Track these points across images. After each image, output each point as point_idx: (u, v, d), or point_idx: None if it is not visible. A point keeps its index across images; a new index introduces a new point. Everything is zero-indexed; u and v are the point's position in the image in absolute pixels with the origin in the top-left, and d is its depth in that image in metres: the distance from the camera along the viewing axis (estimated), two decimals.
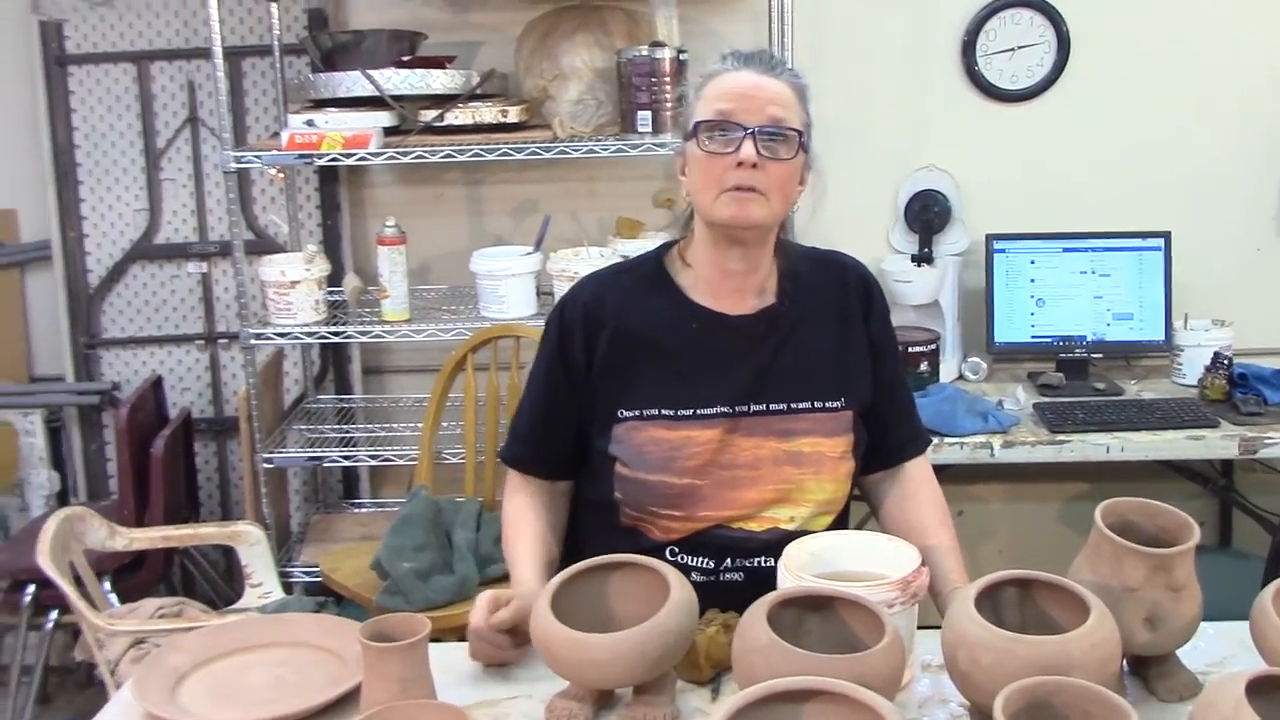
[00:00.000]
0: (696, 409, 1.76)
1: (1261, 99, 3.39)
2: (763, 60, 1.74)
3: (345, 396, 3.49)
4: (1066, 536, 3.61)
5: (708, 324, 1.80)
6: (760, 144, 1.67)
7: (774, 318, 1.81)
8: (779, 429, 1.77)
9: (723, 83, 1.72)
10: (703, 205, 1.73)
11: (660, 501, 1.75)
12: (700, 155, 1.70)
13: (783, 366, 1.79)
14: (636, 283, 1.85)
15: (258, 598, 2.81)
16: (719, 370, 1.78)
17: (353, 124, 2.93)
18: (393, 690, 1.39)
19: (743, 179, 1.67)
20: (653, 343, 1.80)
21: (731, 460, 1.76)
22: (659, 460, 1.75)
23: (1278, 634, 1.36)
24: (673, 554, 1.76)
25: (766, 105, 1.68)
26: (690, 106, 1.77)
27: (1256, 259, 3.47)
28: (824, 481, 1.77)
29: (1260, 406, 3.02)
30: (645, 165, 3.40)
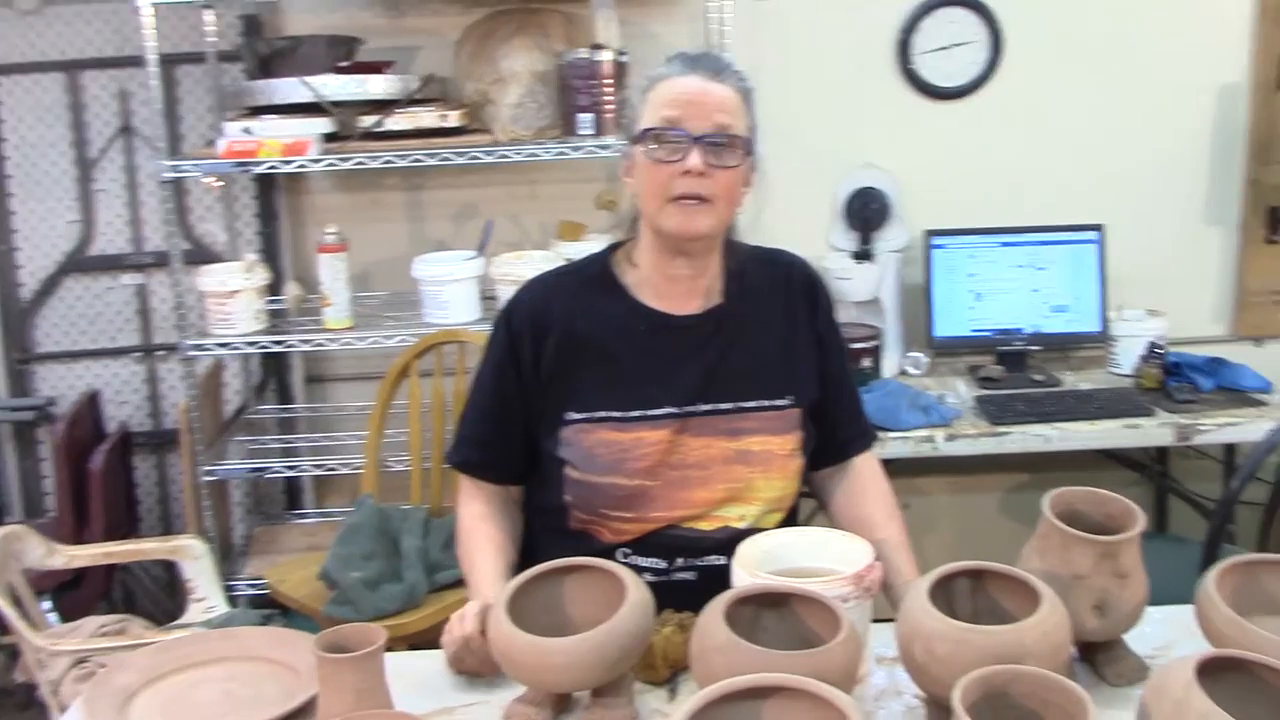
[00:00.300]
0: (645, 410, 1.76)
1: (1189, 94, 3.46)
2: (709, 64, 1.73)
3: (287, 406, 3.46)
4: (1009, 527, 3.66)
5: (655, 325, 1.80)
6: (707, 152, 1.67)
7: (721, 318, 1.82)
8: (727, 428, 1.78)
9: (669, 88, 1.71)
10: (649, 212, 1.73)
11: (611, 503, 1.75)
12: (646, 162, 1.70)
13: (730, 366, 1.80)
14: (583, 285, 1.85)
15: (202, 612, 2.77)
16: (667, 371, 1.78)
17: (291, 131, 2.89)
18: (349, 701, 1.38)
19: (689, 187, 1.68)
20: (600, 345, 1.80)
21: (681, 460, 1.76)
22: (609, 462, 1.75)
23: (1221, 617, 1.39)
24: (624, 555, 1.76)
25: (713, 112, 1.68)
26: (636, 110, 1.76)
27: (1187, 250, 3.54)
28: (773, 479, 1.79)
29: (1194, 394, 3.09)
30: (586, 168, 3.40)
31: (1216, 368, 3.16)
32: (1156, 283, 3.46)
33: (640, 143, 1.71)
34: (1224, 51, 3.44)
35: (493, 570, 1.76)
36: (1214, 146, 3.49)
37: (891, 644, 1.59)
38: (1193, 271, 3.56)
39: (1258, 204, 3.48)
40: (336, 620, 2.46)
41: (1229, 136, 3.48)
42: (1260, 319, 3.57)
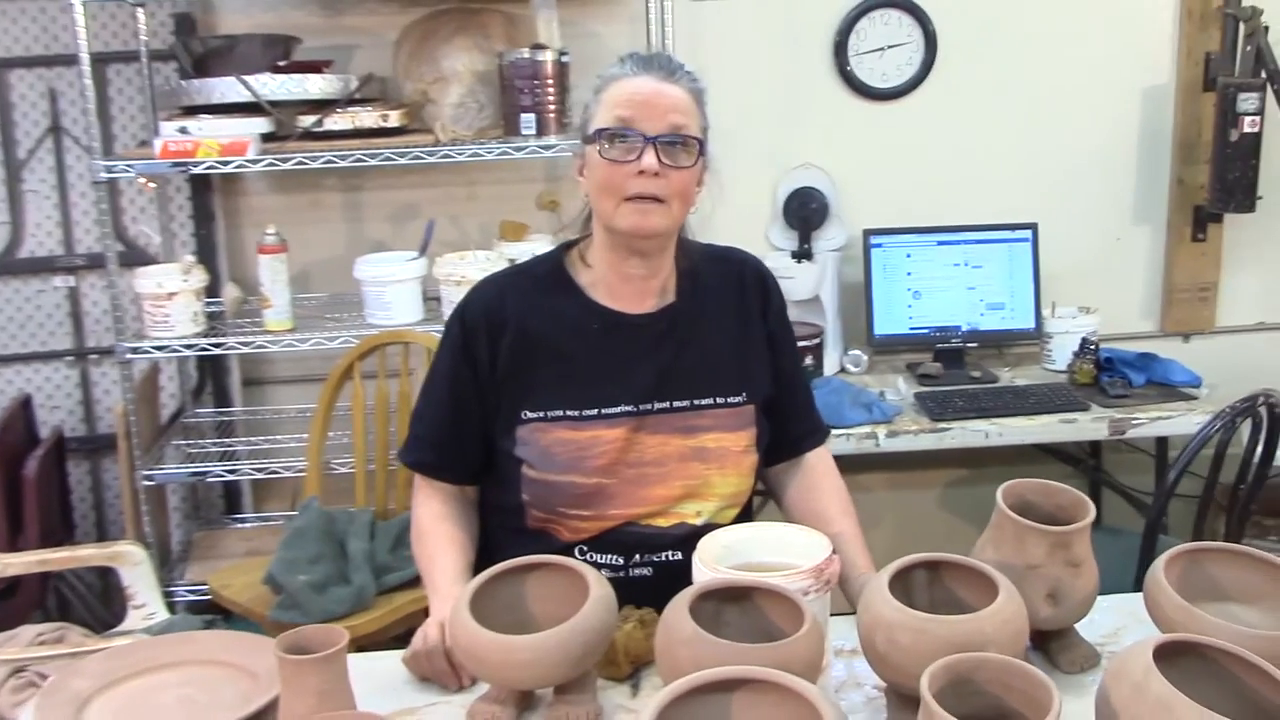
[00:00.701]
0: (601, 409, 1.77)
1: (1117, 95, 3.54)
2: (662, 65, 1.75)
3: (225, 410, 3.41)
4: (948, 521, 3.72)
5: (609, 324, 1.81)
6: (661, 152, 1.69)
7: (674, 316, 1.83)
8: (683, 426, 1.79)
9: (622, 88, 1.72)
10: (603, 211, 1.74)
11: (569, 501, 1.76)
12: (600, 162, 1.71)
13: (684, 364, 1.81)
14: (536, 284, 1.85)
15: (141, 619, 2.72)
16: (622, 370, 1.79)
17: (228, 131, 2.86)
18: (311, 703, 1.37)
19: (644, 187, 1.69)
20: (555, 344, 1.80)
21: (639, 458, 1.77)
22: (566, 461, 1.75)
23: (1170, 603, 1.42)
24: (581, 553, 1.77)
25: (667, 113, 1.70)
26: (589, 109, 1.77)
27: (1116, 248, 3.63)
28: (729, 476, 1.80)
29: (1126, 389, 3.16)
30: (527, 168, 3.40)
31: (1148, 363, 3.24)
32: (1088, 280, 3.53)
33: (594, 142, 1.72)
34: (1150, 54, 3.52)
35: (453, 569, 1.75)
36: (1141, 147, 3.57)
37: (850, 637, 1.62)
38: (1122, 269, 3.64)
39: (1183, 203, 3.57)
40: (284, 625, 2.44)
41: (1156, 137, 3.56)
42: (1186, 315, 3.66)
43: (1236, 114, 3.29)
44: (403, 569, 2.66)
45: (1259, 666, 1.18)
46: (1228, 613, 1.46)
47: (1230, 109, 3.30)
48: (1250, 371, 3.54)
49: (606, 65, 1.81)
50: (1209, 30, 3.47)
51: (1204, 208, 3.52)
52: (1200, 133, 3.50)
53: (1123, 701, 1.14)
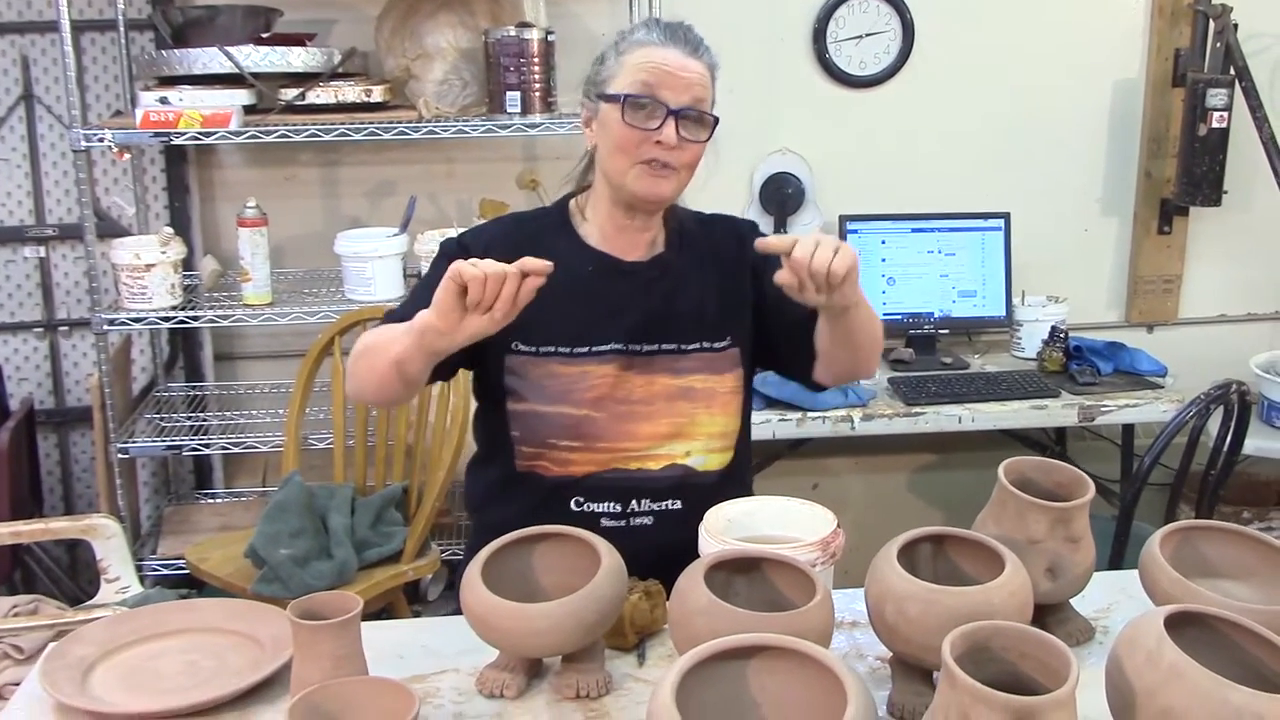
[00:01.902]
0: (591, 346, 1.81)
1: (1088, 89, 3.59)
2: (688, 39, 1.79)
3: (197, 384, 3.38)
4: (917, 505, 3.77)
5: (603, 267, 1.86)
6: (680, 125, 1.74)
7: (665, 265, 1.88)
8: (670, 367, 1.84)
9: (648, 55, 1.76)
10: (614, 170, 1.78)
11: (558, 432, 1.79)
12: (619, 123, 1.75)
13: (672, 310, 1.86)
14: (540, 227, 1.91)
15: (115, 593, 2.71)
16: (613, 311, 1.84)
17: (210, 102, 2.83)
18: (325, 668, 1.38)
19: (659, 155, 1.75)
20: (550, 282, 1.80)
21: (626, 395, 1.81)
22: (557, 392, 1.79)
23: (1167, 578, 1.46)
24: (578, 504, 1.80)
25: (690, 87, 1.75)
26: (604, 65, 1.81)
27: (1085, 238, 3.69)
28: (715, 415, 1.85)
29: (1095, 377, 3.22)
30: (506, 146, 3.40)
31: (1115, 352, 3.30)
32: (1057, 270, 3.59)
33: (613, 102, 1.75)
34: (1121, 49, 3.58)
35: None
36: (1111, 139, 3.63)
37: (850, 609, 1.65)
38: (1090, 260, 3.70)
39: (1151, 195, 3.63)
40: (264, 598, 2.43)
41: (1125, 130, 3.62)
42: (1151, 306, 3.73)
43: (1205, 109, 3.35)
44: (383, 544, 2.66)
45: (1264, 637, 1.21)
46: (1220, 589, 1.50)
47: (1199, 104, 3.36)
48: (1211, 362, 3.63)
49: (625, 30, 1.86)
50: (1179, 26, 3.53)
51: (1170, 201, 3.59)
52: (1169, 127, 3.56)
53: (1136, 669, 1.17)
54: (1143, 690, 1.16)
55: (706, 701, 1.21)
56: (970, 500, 3.68)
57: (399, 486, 2.78)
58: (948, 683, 1.13)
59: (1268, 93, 3.40)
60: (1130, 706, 1.18)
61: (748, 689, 1.24)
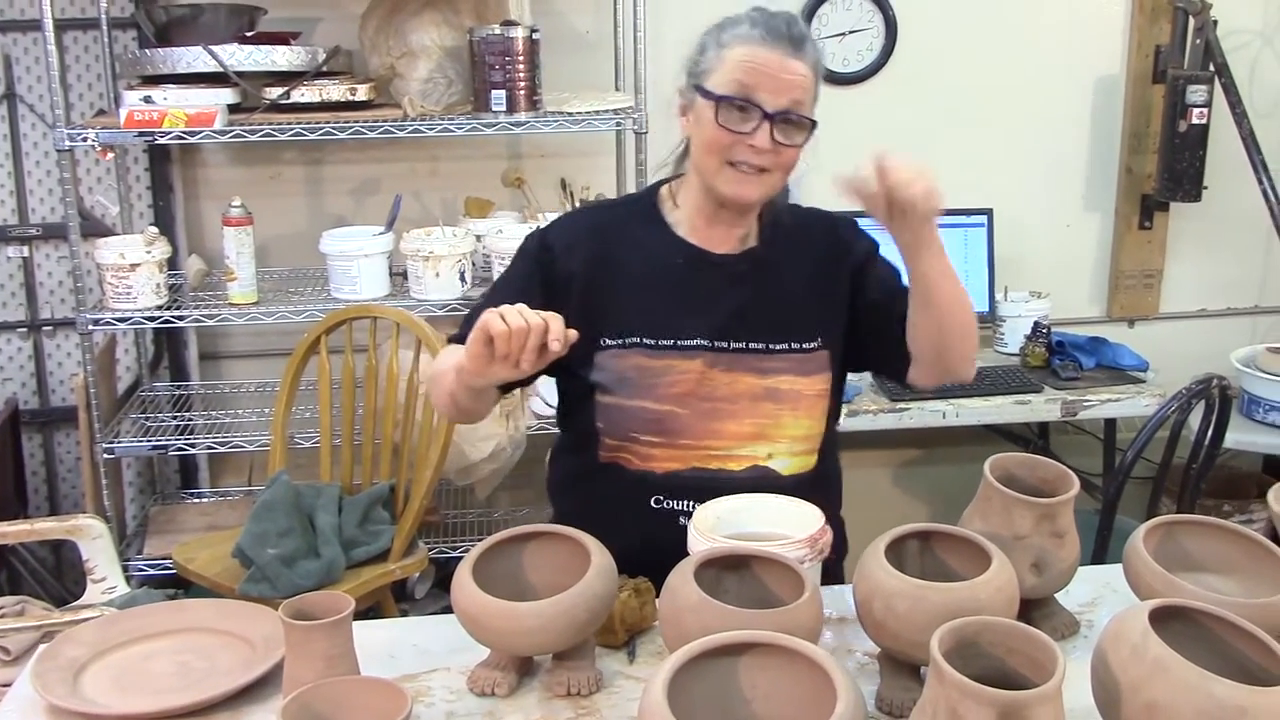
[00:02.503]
0: (678, 339, 1.80)
1: (1070, 85, 3.62)
2: (792, 37, 1.73)
3: (182, 383, 3.38)
4: (901, 500, 3.79)
5: (692, 259, 1.83)
6: (776, 129, 1.70)
7: (756, 259, 1.85)
8: (756, 366, 1.81)
9: (749, 54, 1.70)
10: (705, 168, 1.75)
11: (641, 426, 1.78)
12: (711, 123, 1.71)
13: (761, 305, 1.83)
14: (625, 215, 1.90)
15: (101, 593, 2.71)
16: (701, 304, 1.81)
17: (194, 101, 2.83)
18: (318, 668, 1.38)
19: (752, 158, 1.72)
20: (636, 273, 1.83)
21: (710, 393, 1.79)
22: (641, 385, 1.78)
23: (1151, 572, 1.48)
24: (658, 501, 1.80)
25: (789, 90, 1.70)
26: (705, 55, 1.76)
27: (1067, 234, 3.71)
28: (800, 418, 1.83)
29: (1077, 372, 3.24)
30: (490, 144, 3.40)
31: (1097, 347, 3.33)
32: (1039, 265, 3.62)
33: (709, 98, 1.71)
34: (1102, 45, 3.61)
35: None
36: (1093, 136, 3.66)
37: (837, 605, 1.66)
38: (1072, 255, 3.73)
39: (1131, 191, 3.66)
40: (252, 598, 2.44)
41: (1106, 127, 3.65)
42: (1133, 301, 3.76)
43: (1185, 105, 3.38)
44: (370, 543, 2.66)
45: (1247, 631, 1.23)
46: (1203, 582, 1.52)
47: (1179, 100, 3.39)
48: (1191, 356, 3.65)
49: (729, 17, 1.78)
50: (1159, 23, 3.55)
51: (1151, 196, 3.61)
52: (1149, 123, 3.59)
53: (1121, 663, 1.19)
54: (1128, 684, 1.18)
55: (697, 698, 1.22)
56: (955, 495, 3.71)
57: (386, 485, 2.78)
58: (936, 678, 1.15)
59: (1246, 89, 3.43)
60: (1115, 700, 1.19)
61: (738, 685, 1.26)
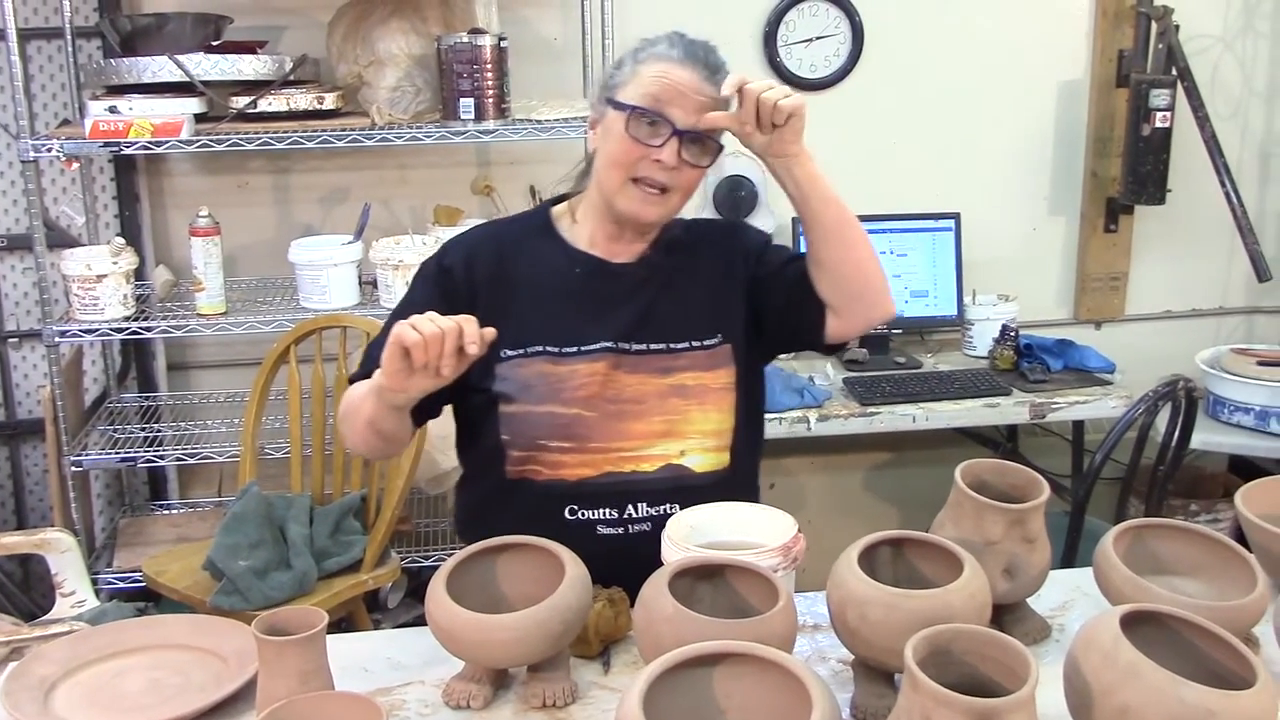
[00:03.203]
0: (580, 345, 1.80)
1: (1035, 90, 3.65)
2: (709, 63, 1.76)
3: (150, 394, 3.35)
4: (872, 504, 3.81)
5: (590, 269, 1.85)
6: (683, 147, 1.72)
7: (654, 266, 1.87)
8: (661, 366, 1.82)
9: (664, 70, 1.72)
10: (608, 183, 1.76)
11: (548, 432, 1.77)
12: (621, 136, 1.73)
13: (661, 310, 1.84)
14: (520, 231, 1.91)
15: (70, 607, 2.67)
16: (601, 311, 1.83)
17: (161, 111, 2.81)
18: (292, 684, 1.38)
19: (655, 174, 1.73)
20: (535, 284, 1.84)
21: (617, 394, 1.79)
22: (546, 391, 1.77)
23: (1120, 576, 1.49)
24: (572, 512, 1.77)
25: (700, 109, 1.72)
26: (621, 70, 1.79)
27: (1034, 237, 3.74)
28: (709, 412, 1.83)
29: (1045, 374, 3.27)
30: (459, 152, 3.40)
31: (1065, 349, 3.35)
32: (1006, 269, 3.64)
33: (620, 110, 1.73)
34: (1066, 50, 3.64)
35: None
36: (1057, 140, 3.69)
37: (811, 613, 1.67)
38: (1039, 258, 3.76)
39: (1097, 195, 3.69)
40: (224, 611, 2.43)
41: (1071, 131, 3.68)
42: (1098, 303, 3.79)
43: (1149, 109, 3.41)
44: (342, 554, 2.66)
45: (1217, 634, 1.24)
46: (1172, 585, 1.54)
47: (1143, 104, 3.42)
48: (1157, 358, 3.69)
49: (648, 37, 1.80)
50: (1122, 28, 3.59)
51: (1116, 200, 3.65)
52: (1113, 127, 3.62)
53: (1093, 670, 1.20)
54: (1100, 689, 1.19)
55: (673, 709, 1.22)
56: (925, 498, 3.73)
57: (357, 495, 2.77)
58: (910, 686, 1.15)
59: (1208, 92, 3.46)
60: (1088, 705, 1.20)
61: (713, 696, 1.26)
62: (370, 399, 1.67)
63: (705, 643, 1.26)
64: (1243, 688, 1.18)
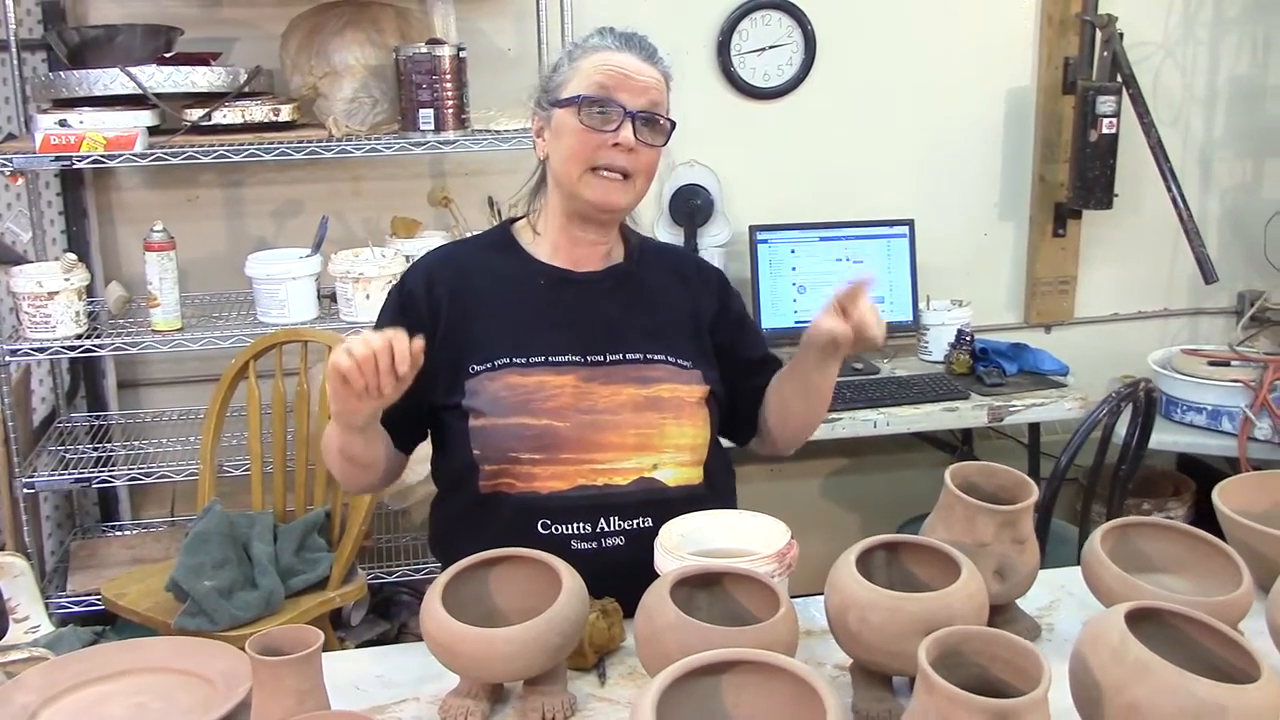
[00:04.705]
0: (548, 356, 1.79)
1: (983, 97, 3.70)
2: (642, 46, 1.81)
3: (100, 413, 3.29)
4: (831, 510, 3.83)
5: (554, 280, 1.85)
6: (638, 127, 1.74)
7: (622, 276, 1.88)
8: (636, 376, 1.81)
9: (604, 59, 1.76)
10: (567, 178, 1.77)
11: (520, 444, 1.75)
12: (575, 127, 1.74)
13: (634, 320, 1.85)
14: (482, 248, 1.92)
15: (24, 633, 2.61)
16: (568, 321, 1.83)
17: (112, 124, 2.76)
18: (289, 705, 1.35)
19: (615, 160, 1.74)
20: (499, 298, 1.84)
21: (591, 406, 1.78)
22: (515, 403, 1.76)
23: (1111, 575, 1.51)
24: (545, 527, 1.74)
25: (646, 90, 1.76)
26: (558, 73, 1.81)
27: (985, 242, 3.79)
28: (684, 426, 1.82)
29: (1001, 378, 3.31)
30: (414, 164, 3.37)
31: (1019, 353, 3.40)
32: (959, 274, 3.69)
33: (568, 107, 1.75)
34: (1013, 57, 3.69)
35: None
36: (1006, 146, 3.74)
37: (803, 618, 1.67)
38: (990, 263, 3.81)
39: (1045, 200, 3.75)
40: (190, 632, 2.38)
41: (1019, 136, 3.74)
42: (1048, 307, 3.85)
43: (1095, 115, 3.47)
44: (308, 571, 2.62)
45: (1217, 629, 1.26)
46: (1159, 582, 1.56)
47: (1089, 111, 3.48)
48: (1106, 360, 3.77)
49: (584, 36, 1.86)
50: (1067, 36, 3.65)
51: (1064, 205, 3.70)
52: (1060, 133, 3.68)
53: (1102, 666, 1.21)
54: (1109, 686, 1.20)
55: (683, 718, 1.22)
56: (884, 503, 3.77)
57: (321, 511, 2.73)
58: (924, 689, 1.16)
59: (1151, 99, 3.53)
60: (1097, 702, 1.21)
61: (722, 705, 1.25)
62: (334, 427, 1.71)
63: (714, 651, 1.26)
64: (1245, 681, 1.20)
